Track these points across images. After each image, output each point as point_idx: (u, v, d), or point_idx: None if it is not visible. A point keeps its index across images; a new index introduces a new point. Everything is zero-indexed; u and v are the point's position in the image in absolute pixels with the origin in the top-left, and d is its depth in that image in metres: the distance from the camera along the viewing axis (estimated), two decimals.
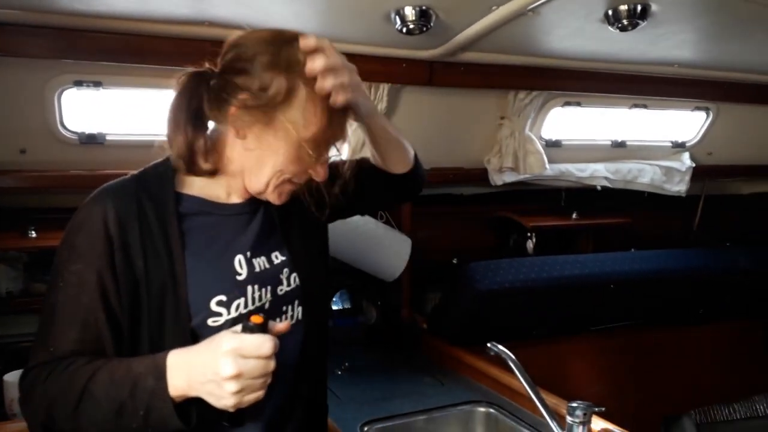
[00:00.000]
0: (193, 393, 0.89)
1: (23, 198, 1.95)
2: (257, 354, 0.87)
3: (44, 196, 1.94)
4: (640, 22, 1.56)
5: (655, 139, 2.74)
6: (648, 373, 2.73)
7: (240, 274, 1.04)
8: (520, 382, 1.50)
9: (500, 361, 1.58)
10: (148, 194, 1.01)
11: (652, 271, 2.54)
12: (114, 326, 0.96)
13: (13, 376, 1.70)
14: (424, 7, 1.52)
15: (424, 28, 1.57)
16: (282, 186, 1.05)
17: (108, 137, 1.84)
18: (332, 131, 1.02)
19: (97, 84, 1.74)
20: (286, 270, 1.10)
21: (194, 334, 0.97)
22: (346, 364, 2.12)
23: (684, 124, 2.75)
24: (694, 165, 2.72)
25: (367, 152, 2.08)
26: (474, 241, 2.67)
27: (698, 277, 2.68)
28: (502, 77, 2.11)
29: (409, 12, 1.53)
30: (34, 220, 1.88)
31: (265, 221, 1.11)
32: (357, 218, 2.17)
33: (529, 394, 1.49)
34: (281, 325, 0.96)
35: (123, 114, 1.84)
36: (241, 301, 1.02)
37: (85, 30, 1.56)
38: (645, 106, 2.52)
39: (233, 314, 1.00)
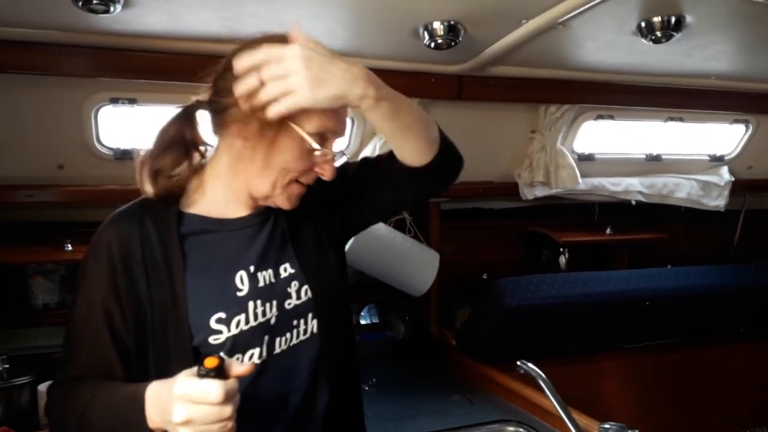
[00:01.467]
0: (169, 427, 0.87)
1: (60, 212, 2.00)
2: (206, 401, 0.83)
3: (80, 210, 1.99)
4: (674, 33, 1.53)
5: (691, 153, 2.68)
6: (685, 394, 2.64)
7: (241, 290, 1.03)
8: (551, 402, 1.47)
9: (530, 380, 1.55)
10: (153, 217, 1.03)
11: (690, 288, 2.47)
12: (121, 350, 0.99)
13: (47, 386, 1.73)
14: (452, 22, 1.52)
15: (453, 43, 1.57)
16: (290, 187, 1.04)
17: (142, 153, 1.88)
18: (337, 121, 1.01)
19: (132, 101, 1.79)
20: (295, 283, 1.08)
21: (198, 352, 0.98)
22: (373, 380, 2.11)
23: (722, 137, 2.68)
24: (733, 179, 2.65)
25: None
26: (504, 256, 2.64)
27: (738, 295, 2.59)
28: (532, 91, 2.10)
29: (438, 27, 1.53)
30: (70, 233, 1.92)
31: (274, 233, 1.10)
32: (385, 232, 2.17)
33: (559, 413, 1.46)
34: (241, 368, 0.88)
35: (156, 130, 1.88)
36: (242, 317, 1.01)
37: (121, 49, 1.60)
38: (681, 119, 2.47)
39: (234, 331, 1.00)
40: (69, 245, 1.90)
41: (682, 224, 2.79)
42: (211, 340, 0.99)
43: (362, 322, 2.52)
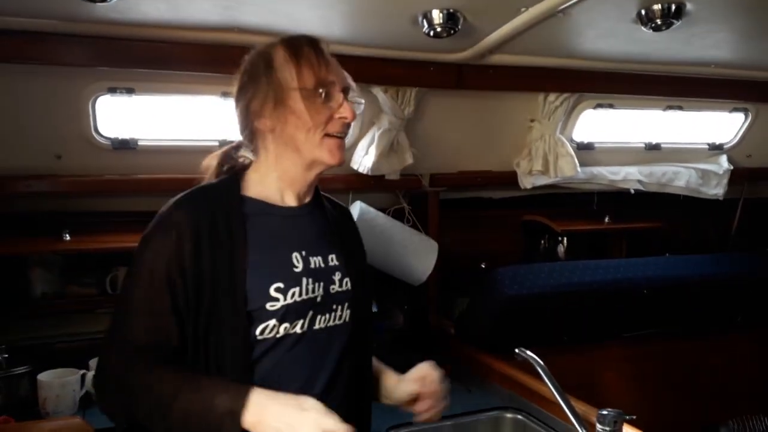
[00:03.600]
0: (259, 429, 0.98)
1: (58, 202, 1.99)
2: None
3: (79, 200, 1.99)
4: (674, 21, 1.53)
5: (691, 142, 2.68)
6: (683, 382, 2.65)
7: (296, 267, 1.15)
8: (549, 389, 1.48)
9: (529, 368, 1.56)
10: (218, 199, 1.15)
11: (688, 277, 2.48)
12: (179, 318, 1.07)
13: (46, 376, 1.74)
14: (451, 10, 1.51)
15: (452, 31, 1.56)
16: (326, 141, 1.15)
17: (140, 143, 1.88)
18: (328, 73, 1.15)
19: (130, 91, 1.77)
20: (338, 273, 1.21)
21: (251, 318, 1.09)
22: None
23: (721, 125, 2.67)
24: (732, 168, 2.65)
25: (401, 156, 2.10)
26: (503, 246, 2.64)
27: (736, 283, 2.60)
28: (531, 79, 2.09)
29: (437, 15, 1.52)
30: (68, 223, 1.92)
31: (319, 226, 1.24)
32: (384, 221, 2.18)
33: (558, 400, 1.46)
34: None
35: (154, 120, 1.88)
36: (296, 290, 1.12)
37: (118, 38, 1.59)
38: (680, 108, 2.46)
39: (288, 300, 1.11)
40: (67, 235, 1.91)
41: (680, 213, 2.79)
42: (268, 306, 1.09)
43: None
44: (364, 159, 2.11)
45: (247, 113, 1.17)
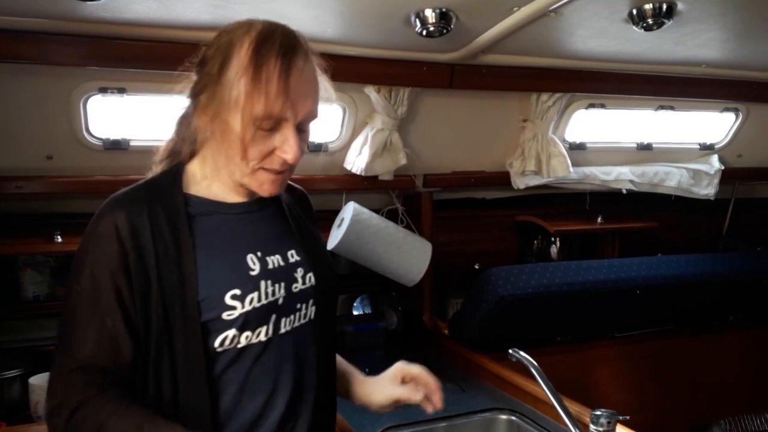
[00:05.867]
0: None
1: (50, 203, 1.98)
2: None
3: (70, 201, 1.98)
4: (665, 21, 1.53)
5: (682, 142, 2.69)
6: (675, 381, 2.66)
7: (253, 270, 1.05)
8: (543, 389, 1.48)
9: (522, 368, 1.56)
10: (158, 198, 1.03)
11: (680, 277, 2.48)
12: (131, 329, 0.98)
13: (38, 379, 1.73)
14: (444, 10, 1.51)
15: (445, 31, 1.56)
16: (260, 174, 1.03)
17: (132, 143, 1.87)
18: (284, 106, 0.97)
19: (121, 90, 1.77)
20: (300, 269, 1.11)
21: (207, 329, 0.99)
22: (367, 369, 2.09)
23: (712, 125, 2.69)
24: (723, 167, 2.66)
25: (394, 157, 2.10)
26: (496, 246, 2.65)
27: (727, 283, 2.61)
28: (524, 79, 2.09)
29: (430, 14, 1.52)
30: (60, 224, 1.91)
31: (275, 221, 1.14)
32: (377, 222, 2.17)
33: (551, 401, 1.47)
34: None
35: (146, 120, 1.87)
36: (255, 295, 1.03)
37: (109, 37, 1.58)
38: (672, 108, 2.48)
39: (247, 308, 1.01)
40: (59, 237, 1.89)
41: (672, 213, 2.80)
42: (225, 315, 1.00)
43: (355, 312, 2.52)
44: (357, 159, 2.11)
45: (194, 103, 1.04)
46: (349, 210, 2.13)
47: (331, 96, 1.09)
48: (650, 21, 1.53)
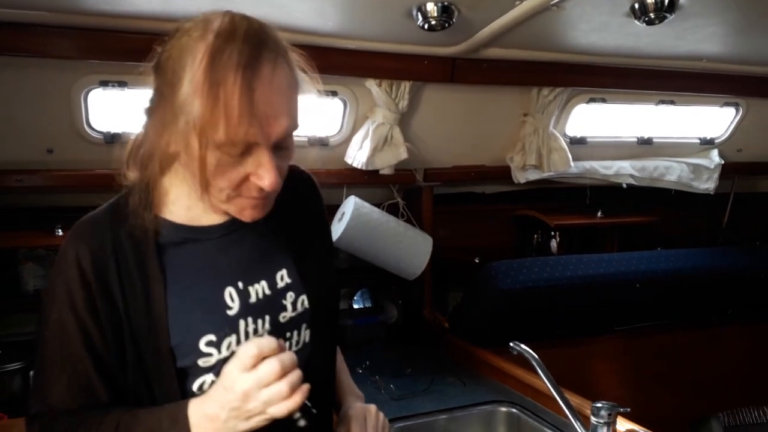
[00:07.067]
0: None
1: (50, 197, 1.98)
2: (247, 361, 0.82)
3: (71, 195, 1.97)
4: (667, 15, 1.53)
5: (682, 136, 2.69)
6: (675, 374, 2.67)
7: (231, 308, 0.93)
8: (543, 382, 1.48)
9: (523, 361, 1.56)
10: (124, 225, 0.91)
11: (679, 271, 2.49)
12: (104, 373, 0.90)
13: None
14: (446, 3, 1.51)
15: (446, 25, 1.56)
16: (237, 201, 0.88)
17: (133, 137, 1.86)
18: (250, 127, 0.80)
19: (122, 84, 1.76)
20: (291, 294, 0.98)
21: (185, 374, 0.91)
22: (367, 362, 2.12)
23: (713, 120, 2.69)
24: (723, 162, 2.67)
25: (395, 151, 2.10)
26: (496, 240, 2.65)
27: (727, 277, 2.62)
28: (525, 74, 2.09)
29: (431, 8, 1.52)
30: (60, 218, 1.91)
31: (262, 238, 0.99)
32: (378, 216, 2.17)
33: (552, 393, 1.47)
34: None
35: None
36: (233, 339, 0.92)
37: (110, 30, 1.58)
38: (672, 102, 2.48)
39: (224, 353, 0.91)
40: (59, 230, 1.89)
41: (672, 207, 2.80)
42: (201, 362, 0.91)
43: (355, 306, 2.52)
44: (358, 153, 2.10)
45: (150, 113, 0.89)
46: (350, 204, 2.13)
47: (314, 88, 0.91)
48: (652, 15, 1.53)
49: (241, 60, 0.79)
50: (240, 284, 0.95)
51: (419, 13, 1.54)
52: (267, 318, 0.96)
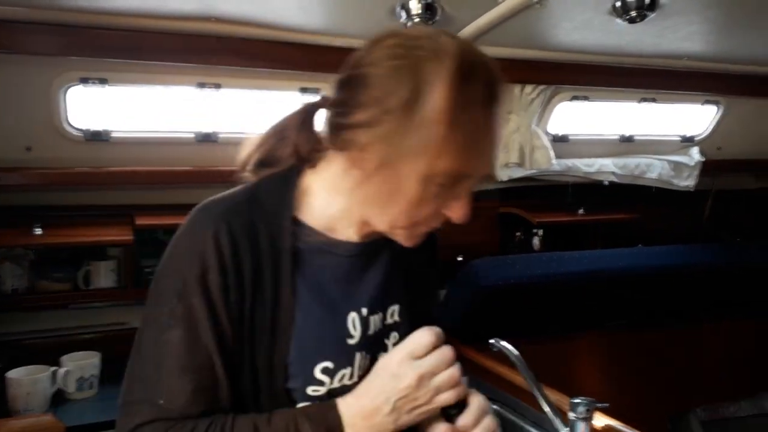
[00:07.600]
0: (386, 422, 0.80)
1: (29, 195, 1.95)
2: (423, 348, 0.82)
3: (50, 193, 1.95)
4: (648, 13, 1.54)
5: (663, 134, 2.71)
6: (655, 370, 2.71)
7: (352, 337, 0.87)
8: (523, 379, 1.49)
9: (504, 358, 1.57)
10: (264, 217, 0.84)
11: (660, 267, 2.52)
12: (229, 376, 0.82)
13: (16, 373, 1.71)
14: (429, 1, 1.51)
15: (430, 22, 1.56)
16: (413, 229, 0.85)
17: (113, 134, 1.84)
18: (477, 161, 0.80)
19: (103, 81, 1.74)
20: (394, 335, 0.93)
21: (289, 392, 0.84)
22: None
23: (693, 118, 2.72)
24: (703, 159, 2.69)
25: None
26: (479, 238, 2.66)
27: (707, 273, 2.66)
28: (508, 71, 2.04)
29: (414, 6, 1.52)
30: (39, 217, 1.88)
31: (387, 265, 0.93)
32: None
33: (530, 389, 1.48)
34: None
35: (128, 111, 1.84)
36: (347, 372, 0.86)
37: (90, 27, 1.55)
38: (654, 100, 2.50)
39: (335, 385, 0.85)
40: (38, 229, 1.86)
41: (653, 205, 2.83)
42: (310, 390, 0.84)
43: None
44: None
45: (347, 121, 0.80)
46: None
47: None
48: (633, 13, 1.54)
49: (486, 91, 0.80)
50: (364, 311, 0.89)
51: (403, 11, 1.54)
52: (370, 357, 0.89)
